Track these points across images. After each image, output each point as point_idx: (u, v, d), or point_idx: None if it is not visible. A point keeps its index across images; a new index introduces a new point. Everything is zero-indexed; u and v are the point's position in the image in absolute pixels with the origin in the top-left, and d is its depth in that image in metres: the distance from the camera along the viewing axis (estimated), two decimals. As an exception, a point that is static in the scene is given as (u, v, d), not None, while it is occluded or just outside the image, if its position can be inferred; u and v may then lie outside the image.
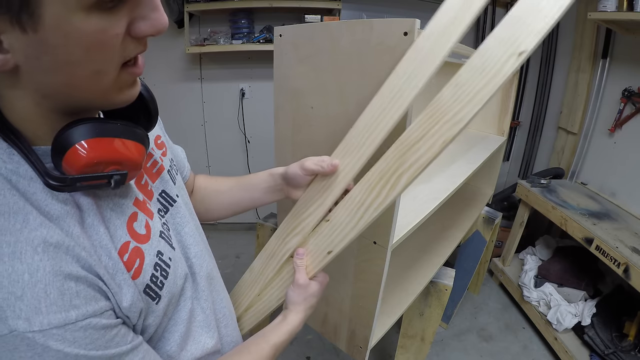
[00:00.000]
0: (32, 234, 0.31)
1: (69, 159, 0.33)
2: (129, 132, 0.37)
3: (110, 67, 0.32)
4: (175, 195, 0.52)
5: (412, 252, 1.24)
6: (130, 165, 0.37)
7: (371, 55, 0.60)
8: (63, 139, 0.33)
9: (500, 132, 1.75)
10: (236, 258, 2.35)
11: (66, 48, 0.29)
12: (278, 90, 0.80)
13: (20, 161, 0.33)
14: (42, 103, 0.33)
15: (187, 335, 0.48)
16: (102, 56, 0.31)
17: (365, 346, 0.88)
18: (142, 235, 0.41)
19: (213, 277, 0.56)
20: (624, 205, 1.80)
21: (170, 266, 0.44)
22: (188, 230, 0.52)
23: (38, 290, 0.30)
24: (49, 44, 0.28)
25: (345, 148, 0.57)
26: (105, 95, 0.34)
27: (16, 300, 0.29)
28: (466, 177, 1.10)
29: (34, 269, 0.30)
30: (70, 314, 0.31)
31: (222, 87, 2.37)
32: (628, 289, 1.54)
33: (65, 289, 0.31)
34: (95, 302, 0.33)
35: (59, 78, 0.31)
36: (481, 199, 1.75)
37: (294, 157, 0.81)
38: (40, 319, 0.30)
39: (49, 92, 0.33)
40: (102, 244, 0.36)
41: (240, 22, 2.13)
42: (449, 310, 1.81)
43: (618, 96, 1.86)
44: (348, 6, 2.17)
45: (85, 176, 0.34)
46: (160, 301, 0.42)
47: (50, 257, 0.31)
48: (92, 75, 0.32)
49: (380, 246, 0.74)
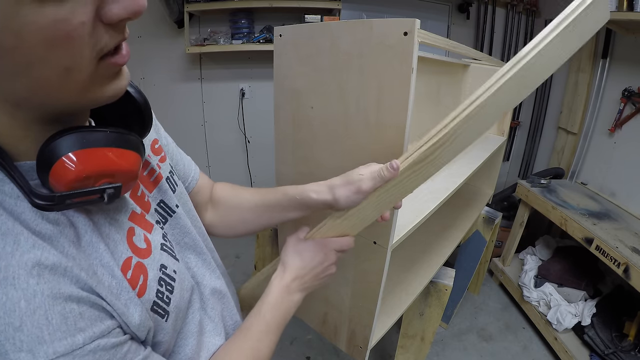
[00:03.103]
0: (24, 257, 0.28)
1: (55, 174, 0.29)
2: (120, 140, 0.33)
3: (81, 61, 0.27)
4: (174, 206, 0.49)
5: (412, 252, 1.24)
6: (125, 177, 0.34)
7: (371, 55, 0.60)
8: (47, 152, 0.29)
9: (500, 132, 1.75)
10: (236, 258, 2.36)
11: (22, 48, 0.25)
12: (278, 90, 0.80)
13: (4, 179, 0.30)
14: (17, 114, 0.30)
15: (200, 347, 0.46)
16: (69, 51, 0.26)
17: (365, 346, 0.88)
18: (143, 250, 0.38)
19: (221, 291, 0.53)
20: (624, 205, 1.80)
21: (176, 279, 0.41)
22: (188, 240, 0.50)
23: (38, 317, 0.27)
24: (2, 47, 0.24)
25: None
26: (84, 94, 0.30)
27: (15, 332, 0.26)
28: (466, 177, 1.10)
29: (31, 294, 0.27)
30: (76, 339, 0.29)
31: (222, 87, 2.37)
32: (628, 289, 1.54)
33: (67, 312, 0.28)
34: (100, 322, 0.31)
35: (24, 83, 0.27)
36: (481, 199, 1.75)
37: (294, 157, 0.81)
38: (45, 348, 0.27)
39: (19, 100, 0.29)
40: (103, 262, 0.33)
41: (240, 22, 2.14)
42: (449, 310, 1.81)
43: (618, 96, 1.86)
44: (348, 6, 2.18)
45: (75, 192, 0.30)
46: (169, 318, 0.39)
47: (47, 280, 0.28)
48: (62, 74, 0.27)
49: (380, 246, 0.74)
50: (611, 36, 1.90)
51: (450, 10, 2.45)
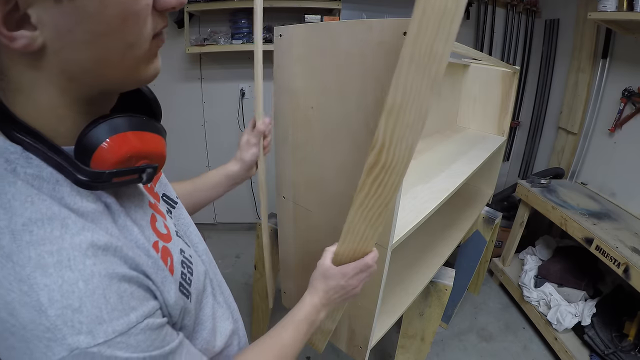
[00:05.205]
0: (76, 239, 0.28)
1: (101, 155, 0.31)
2: (153, 126, 0.36)
3: (142, 39, 0.31)
4: (175, 197, 0.52)
5: (412, 252, 1.24)
6: (159, 159, 0.36)
7: (371, 55, 0.60)
8: (92, 135, 0.31)
9: (500, 132, 1.75)
10: (236, 258, 2.35)
11: (103, 17, 0.27)
12: (278, 90, 0.80)
13: (40, 164, 0.30)
14: (68, 89, 0.31)
15: (214, 331, 0.47)
16: (136, 28, 0.29)
17: (365, 346, 0.88)
18: (165, 235, 0.40)
19: (217, 273, 0.57)
20: (624, 205, 1.80)
21: (193, 263, 0.43)
22: (192, 229, 0.52)
23: (97, 297, 0.27)
24: (86, 12, 0.26)
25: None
26: (133, 72, 0.33)
27: (74, 313, 0.26)
28: (466, 177, 1.10)
29: (89, 275, 0.27)
30: (131, 317, 0.29)
31: (222, 87, 2.37)
32: (628, 289, 1.54)
33: (122, 292, 0.29)
34: (147, 302, 0.32)
35: (92, 53, 0.29)
36: (481, 199, 1.75)
37: (294, 157, 0.81)
38: (105, 328, 0.27)
39: (78, 73, 0.30)
40: (139, 243, 0.35)
41: (240, 22, 2.13)
42: (449, 310, 1.81)
43: (618, 96, 1.86)
44: (348, 6, 2.17)
45: (121, 170, 0.32)
46: (191, 299, 0.41)
47: (102, 261, 0.29)
48: (125, 49, 0.30)
49: (380, 246, 0.74)
50: (611, 36, 1.90)
51: (450, 10, 2.44)
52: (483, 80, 1.74)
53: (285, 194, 0.88)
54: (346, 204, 0.72)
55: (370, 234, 0.58)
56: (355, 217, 0.57)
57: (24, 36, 0.26)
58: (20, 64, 0.28)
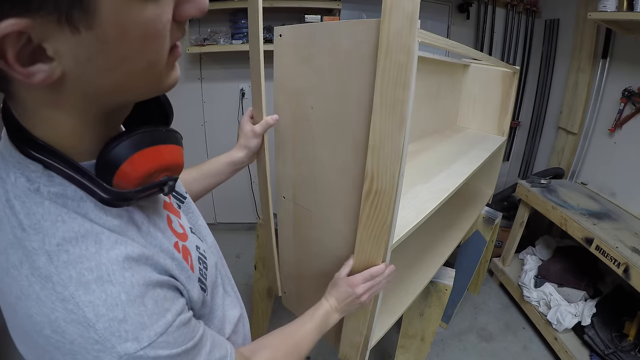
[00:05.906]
0: (111, 253, 0.30)
1: (124, 172, 0.31)
2: (172, 137, 0.36)
3: (162, 55, 0.30)
4: (184, 192, 0.53)
5: (412, 252, 1.24)
6: (178, 170, 0.37)
7: (371, 55, 0.60)
8: (114, 154, 0.30)
9: (500, 132, 1.75)
10: (236, 258, 2.36)
11: (123, 43, 0.26)
12: (278, 90, 0.80)
13: (63, 182, 0.30)
14: (88, 110, 0.30)
15: (224, 319, 0.49)
16: (156, 46, 0.28)
17: (365, 346, 0.88)
18: (181, 234, 0.42)
19: (224, 264, 0.59)
20: (624, 205, 1.80)
21: (207, 257, 0.45)
22: (201, 222, 0.54)
23: (138, 306, 0.29)
24: (105, 40, 0.25)
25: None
26: (156, 84, 0.32)
27: (120, 324, 0.28)
28: (466, 177, 1.10)
29: (129, 286, 0.29)
30: (167, 318, 0.32)
31: (222, 87, 2.37)
32: (628, 289, 1.54)
33: (156, 296, 0.31)
34: (177, 300, 0.34)
35: (115, 78, 0.28)
36: (481, 199, 1.75)
37: (294, 157, 0.81)
38: (148, 332, 0.29)
39: (99, 95, 0.29)
40: (163, 247, 0.36)
41: (240, 22, 2.13)
42: (449, 310, 1.81)
43: (618, 96, 1.86)
44: (348, 6, 2.17)
45: (145, 187, 0.33)
46: (208, 292, 0.43)
47: (138, 271, 0.31)
48: (146, 68, 0.29)
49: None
50: (611, 36, 1.90)
51: (450, 10, 2.45)
52: (483, 80, 1.74)
53: (285, 194, 0.88)
54: (346, 204, 0.72)
55: (375, 249, 0.68)
56: (362, 236, 0.68)
57: (42, 70, 0.25)
58: (38, 92, 0.28)
